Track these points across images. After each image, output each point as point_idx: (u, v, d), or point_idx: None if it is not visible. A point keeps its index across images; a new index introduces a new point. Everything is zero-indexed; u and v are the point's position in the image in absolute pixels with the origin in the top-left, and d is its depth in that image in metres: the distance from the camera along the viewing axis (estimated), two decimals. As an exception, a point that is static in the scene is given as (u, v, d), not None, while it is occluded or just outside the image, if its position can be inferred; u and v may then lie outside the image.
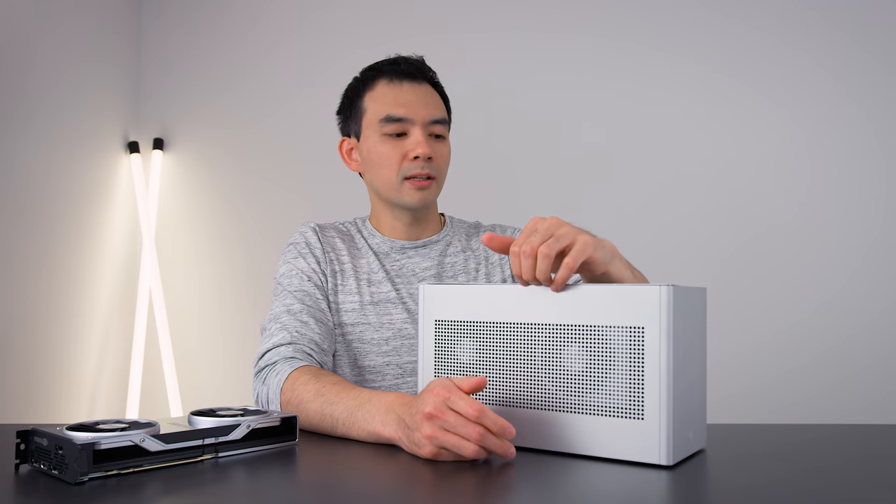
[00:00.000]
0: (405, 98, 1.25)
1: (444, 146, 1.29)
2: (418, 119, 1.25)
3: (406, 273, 1.29)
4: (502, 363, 0.87)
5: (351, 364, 1.24)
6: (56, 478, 0.71)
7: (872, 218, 2.19)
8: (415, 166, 1.24)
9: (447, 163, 1.30)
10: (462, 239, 1.37)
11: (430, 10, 2.49)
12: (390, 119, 1.24)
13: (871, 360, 2.17)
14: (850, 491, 0.70)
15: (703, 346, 0.87)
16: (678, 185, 2.32)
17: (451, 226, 1.38)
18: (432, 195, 1.27)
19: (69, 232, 2.30)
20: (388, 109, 1.25)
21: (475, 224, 1.42)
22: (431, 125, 1.26)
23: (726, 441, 0.92)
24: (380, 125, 1.25)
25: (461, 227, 1.40)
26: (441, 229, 1.36)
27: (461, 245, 1.35)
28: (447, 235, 1.35)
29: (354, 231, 1.35)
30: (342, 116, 1.35)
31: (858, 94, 2.21)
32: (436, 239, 1.33)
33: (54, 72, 2.25)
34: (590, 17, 2.39)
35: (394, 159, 1.24)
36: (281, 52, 2.58)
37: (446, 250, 1.33)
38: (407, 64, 1.28)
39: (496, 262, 1.34)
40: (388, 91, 1.27)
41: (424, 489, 0.73)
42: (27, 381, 2.13)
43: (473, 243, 1.37)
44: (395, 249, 1.31)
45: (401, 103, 1.25)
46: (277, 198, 2.55)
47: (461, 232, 1.38)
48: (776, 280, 2.24)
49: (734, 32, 2.29)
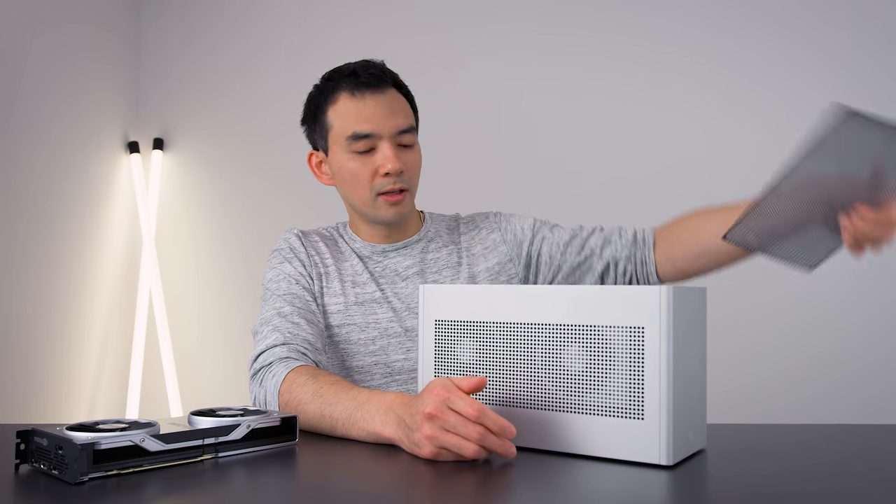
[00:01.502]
0: (369, 112, 1.22)
1: (414, 154, 1.26)
2: (385, 132, 1.21)
3: (389, 273, 1.29)
4: (502, 363, 0.87)
5: (339, 365, 1.24)
6: (56, 478, 0.72)
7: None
8: (386, 182, 1.22)
9: (418, 170, 1.28)
10: (443, 234, 1.35)
11: (431, 10, 2.49)
12: (356, 136, 1.21)
13: (868, 361, 2.17)
14: (848, 489, 0.70)
15: (703, 346, 0.88)
16: (678, 184, 2.32)
17: (431, 222, 1.37)
18: (406, 207, 1.26)
19: (69, 232, 2.30)
20: (354, 126, 1.22)
21: (454, 217, 1.41)
22: (399, 135, 1.23)
23: (726, 441, 0.92)
24: (347, 143, 1.23)
25: (441, 222, 1.39)
26: (420, 228, 1.35)
27: (442, 241, 1.34)
28: (427, 232, 1.34)
29: (337, 236, 1.34)
30: (306, 127, 1.33)
31: (858, 94, 2.22)
32: (416, 238, 1.32)
33: (54, 72, 2.25)
34: (588, 20, 2.39)
35: (364, 177, 1.23)
36: (281, 51, 2.58)
37: (428, 247, 1.32)
38: (367, 74, 1.24)
39: (478, 252, 1.32)
40: (351, 106, 1.23)
41: (424, 489, 0.73)
42: (27, 381, 2.13)
43: (455, 237, 1.36)
44: (377, 252, 1.30)
45: (365, 118, 1.21)
46: (277, 198, 2.55)
47: (441, 227, 1.37)
48: (776, 280, 2.24)
49: (732, 33, 2.30)
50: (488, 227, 1.36)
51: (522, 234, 1.33)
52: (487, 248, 1.33)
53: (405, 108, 1.27)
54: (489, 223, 1.37)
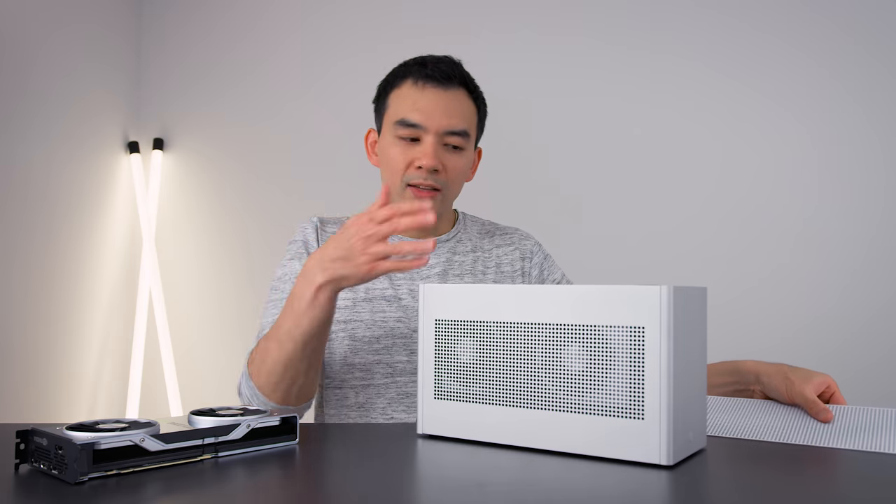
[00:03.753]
0: (423, 103, 1.20)
1: (459, 159, 1.23)
2: (432, 128, 1.20)
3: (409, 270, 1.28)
4: (502, 363, 0.87)
5: (341, 361, 1.23)
6: (56, 478, 0.72)
7: (870, 219, 2.19)
8: (418, 175, 1.20)
9: (460, 176, 1.25)
10: (473, 237, 1.33)
11: (431, 10, 2.49)
12: (404, 123, 1.21)
13: (869, 361, 2.17)
14: (849, 490, 0.70)
15: (704, 346, 0.88)
16: (678, 184, 2.32)
17: (464, 223, 1.35)
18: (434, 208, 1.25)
19: (69, 232, 2.30)
20: (405, 113, 1.21)
21: (489, 222, 1.39)
22: (447, 136, 1.21)
23: (726, 441, 0.92)
24: (394, 127, 1.22)
25: (474, 224, 1.37)
26: (452, 227, 1.33)
27: (471, 244, 1.32)
28: (458, 233, 1.32)
29: None
30: (374, 107, 1.32)
31: (858, 94, 2.22)
32: (445, 237, 1.31)
33: (54, 72, 2.25)
34: (593, 21, 2.39)
35: (400, 164, 1.21)
36: (281, 52, 2.58)
37: (456, 248, 1.30)
38: (434, 67, 1.22)
39: (507, 272, 1.30)
40: (410, 93, 1.22)
41: (424, 489, 0.73)
42: (27, 381, 2.13)
43: (486, 243, 1.33)
44: None
45: (418, 108, 1.20)
46: (277, 198, 2.55)
47: (473, 230, 1.35)
48: (777, 279, 2.24)
49: (739, 36, 2.30)
50: (523, 252, 1.33)
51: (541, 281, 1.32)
52: (516, 271, 1.31)
53: (465, 111, 1.24)
54: (527, 249, 1.34)
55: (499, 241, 1.34)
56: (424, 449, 0.87)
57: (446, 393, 0.91)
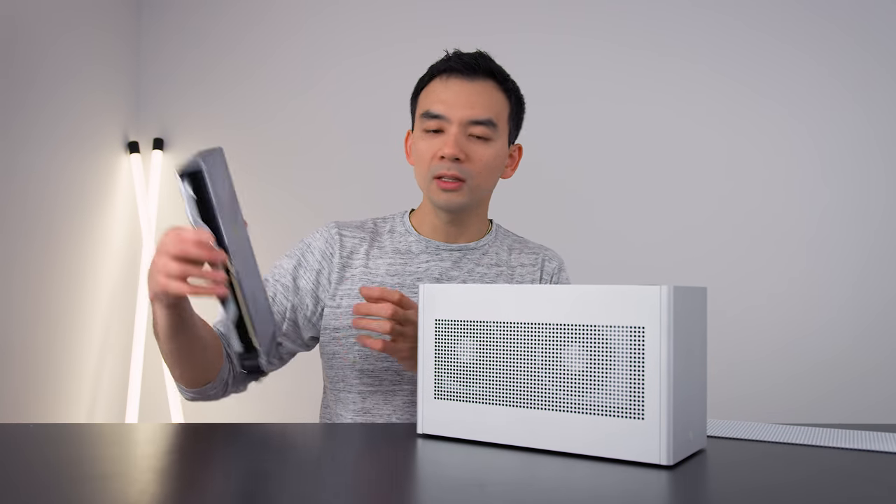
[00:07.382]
0: (447, 95, 1.21)
1: (483, 149, 1.21)
2: (455, 118, 1.19)
3: (429, 278, 1.24)
4: (502, 363, 0.87)
5: (351, 367, 1.22)
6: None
7: (871, 219, 2.19)
8: (441, 166, 1.19)
9: (486, 166, 1.22)
10: (502, 251, 1.31)
11: (431, 10, 2.48)
12: (428, 115, 1.21)
13: (870, 362, 2.17)
14: (850, 490, 0.70)
15: (704, 346, 0.88)
16: (678, 184, 2.32)
17: (496, 235, 1.33)
18: (459, 198, 1.21)
19: (69, 232, 2.30)
20: (429, 105, 1.21)
21: (519, 239, 1.36)
22: (471, 126, 1.20)
23: (726, 441, 0.92)
24: (421, 120, 1.23)
25: (506, 239, 1.34)
26: (483, 236, 1.31)
27: (496, 258, 1.30)
28: (486, 244, 1.30)
29: (386, 230, 1.30)
30: (410, 108, 1.32)
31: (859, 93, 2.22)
32: (473, 246, 1.28)
33: (54, 73, 2.25)
34: (593, 22, 2.39)
35: (426, 156, 1.21)
36: (281, 53, 2.58)
37: (481, 259, 1.28)
38: (459, 60, 1.22)
39: None
40: (436, 87, 1.23)
41: (424, 489, 0.73)
42: (27, 381, 2.13)
43: (513, 259, 1.31)
44: (430, 249, 1.26)
45: (441, 99, 1.21)
46: (276, 198, 2.55)
47: (504, 245, 1.33)
48: (777, 279, 2.24)
49: (733, 34, 2.30)
50: (543, 273, 1.32)
51: None
52: None
53: (491, 101, 1.22)
54: (548, 270, 1.32)
55: (524, 258, 1.32)
56: (424, 449, 0.87)
57: (446, 393, 0.91)
